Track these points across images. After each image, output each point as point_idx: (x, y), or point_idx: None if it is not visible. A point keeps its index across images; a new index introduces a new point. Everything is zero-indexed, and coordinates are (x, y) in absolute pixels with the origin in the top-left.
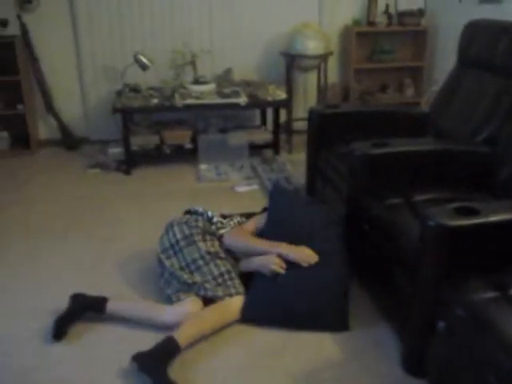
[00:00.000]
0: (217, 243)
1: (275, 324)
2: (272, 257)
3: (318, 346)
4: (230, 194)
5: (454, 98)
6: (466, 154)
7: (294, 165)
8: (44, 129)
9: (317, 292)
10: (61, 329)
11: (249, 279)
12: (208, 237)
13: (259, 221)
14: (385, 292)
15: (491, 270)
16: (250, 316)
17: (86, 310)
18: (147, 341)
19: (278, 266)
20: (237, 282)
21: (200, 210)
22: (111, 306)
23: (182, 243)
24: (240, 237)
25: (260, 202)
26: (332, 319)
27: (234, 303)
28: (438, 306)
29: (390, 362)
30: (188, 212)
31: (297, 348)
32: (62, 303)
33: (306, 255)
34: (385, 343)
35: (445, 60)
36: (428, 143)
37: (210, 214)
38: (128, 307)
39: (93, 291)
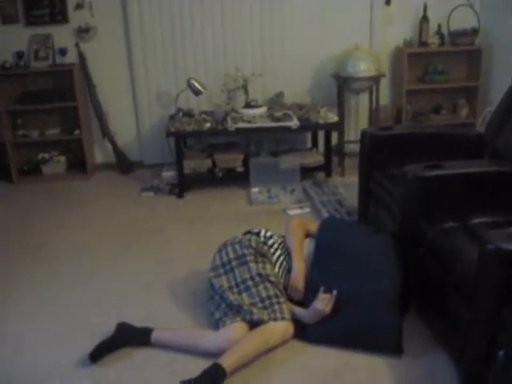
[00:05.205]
0: (268, 266)
1: (333, 343)
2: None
3: (371, 373)
4: (281, 217)
5: (510, 118)
6: None
7: (347, 187)
8: (100, 153)
9: (372, 310)
10: (99, 353)
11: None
12: (260, 258)
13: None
14: (441, 318)
15: None
16: (314, 337)
17: (129, 343)
18: (197, 361)
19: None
20: (284, 307)
21: (256, 230)
22: (155, 337)
23: (234, 263)
24: (295, 233)
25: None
26: (387, 339)
27: (278, 328)
28: (497, 334)
29: None
30: (248, 232)
31: (351, 374)
32: (112, 326)
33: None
34: (441, 371)
35: (501, 79)
36: (484, 165)
37: (268, 233)
38: (172, 337)
39: (144, 313)
